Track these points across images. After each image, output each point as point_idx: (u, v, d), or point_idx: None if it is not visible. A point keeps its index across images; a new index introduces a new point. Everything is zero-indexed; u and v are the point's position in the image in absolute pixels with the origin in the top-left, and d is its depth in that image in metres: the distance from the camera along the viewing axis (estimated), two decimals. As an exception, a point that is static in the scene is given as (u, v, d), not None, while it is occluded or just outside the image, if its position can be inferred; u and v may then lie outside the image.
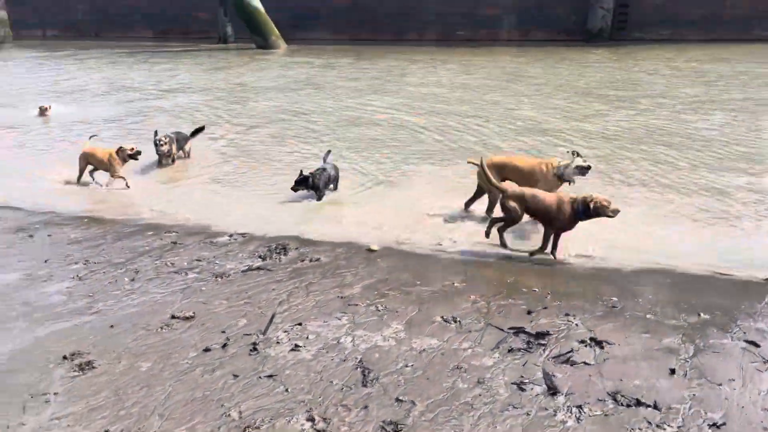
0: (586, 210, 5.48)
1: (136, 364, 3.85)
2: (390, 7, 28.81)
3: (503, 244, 5.98)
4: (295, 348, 4.08)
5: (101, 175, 8.48)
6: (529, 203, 5.78)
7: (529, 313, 4.61)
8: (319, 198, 7.48)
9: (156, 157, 9.00)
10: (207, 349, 4.05)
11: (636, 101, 12.46)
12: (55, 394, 3.50)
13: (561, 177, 6.51)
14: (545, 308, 4.68)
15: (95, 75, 19.58)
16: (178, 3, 33.48)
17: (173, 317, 4.54)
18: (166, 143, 8.86)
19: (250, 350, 4.05)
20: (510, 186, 6.20)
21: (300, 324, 4.44)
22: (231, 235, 6.49)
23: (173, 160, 9.13)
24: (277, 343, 4.17)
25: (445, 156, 9.27)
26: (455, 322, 4.48)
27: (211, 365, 3.85)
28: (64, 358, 3.89)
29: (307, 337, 4.24)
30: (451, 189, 7.75)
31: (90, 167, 8.45)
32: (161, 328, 4.37)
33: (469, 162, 7.16)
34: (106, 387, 3.59)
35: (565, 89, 14.24)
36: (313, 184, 7.37)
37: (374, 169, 8.71)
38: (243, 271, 5.49)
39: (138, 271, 5.46)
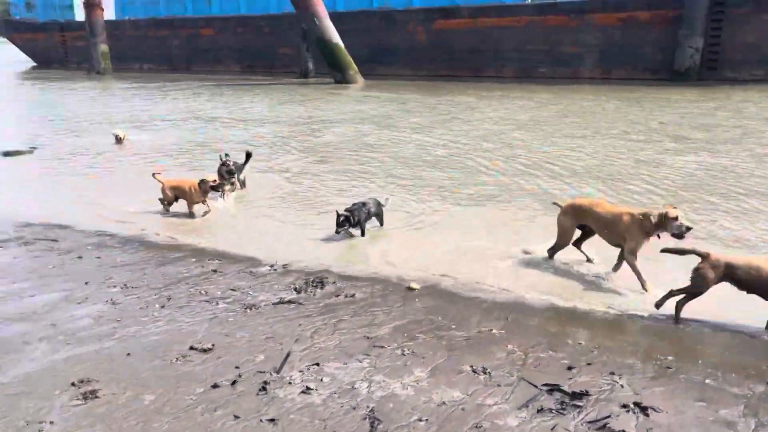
0: None
1: (140, 396, 3.72)
2: (468, 44, 28.78)
3: (677, 318, 4.97)
4: (306, 390, 3.84)
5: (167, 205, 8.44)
6: (745, 276, 4.72)
7: (569, 368, 4.18)
8: (363, 233, 7.26)
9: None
10: (215, 386, 3.86)
11: (714, 143, 11.65)
12: (51, 423, 3.39)
13: (651, 233, 5.62)
14: (589, 364, 4.23)
15: (179, 105, 20.48)
16: (263, 39, 34.85)
17: (191, 348, 4.40)
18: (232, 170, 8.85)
19: (259, 389, 3.83)
20: (714, 254, 4.93)
21: (318, 364, 4.19)
22: (272, 266, 6.37)
23: (233, 189, 8.98)
24: (289, 383, 3.93)
25: (502, 195, 8.90)
26: (485, 373, 4.11)
27: (215, 403, 3.66)
28: (72, 384, 3.81)
29: (322, 380, 3.99)
30: (504, 230, 7.38)
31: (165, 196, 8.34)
32: (177, 359, 4.24)
33: (554, 204, 6.74)
34: (103, 419, 3.46)
35: (643, 130, 13.55)
36: (355, 222, 7.11)
37: (427, 206, 8.45)
38: (274, 304, 5.32)
39: (171, 297, 5.40)
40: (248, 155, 9.50)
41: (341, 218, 7.00)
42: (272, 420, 3.49)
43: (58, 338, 4.50)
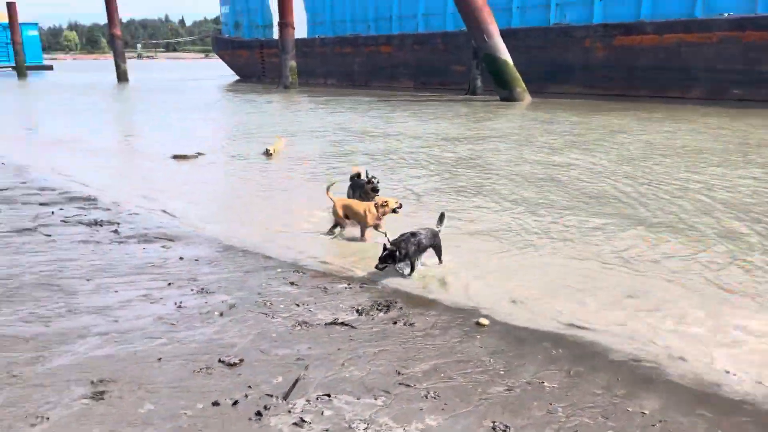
0: None
1: (142, 403, 3.78)
2: (652, 62, 26.64)
3: None
4: (299, 423, 3.64)
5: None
6: None
7: (611, 443, 3.51)
8: (411, 271, 6.36)
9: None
10: (216, 403, 3.81)
11: None
12: (46, 418, 3.55)
13: None
14: (638, 442, 3.53)
15: (338, 117, 21.35)
16: (437, 56, 35.31)
17: (220, 361, 4.41)
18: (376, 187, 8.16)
19: (255, 414, 3.71)
20: None
21: (329, 395, 3.97)
22: (350, 284, 6.26)
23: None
24: (288, 412, 3.76)
25: (624, 224, 7.94)
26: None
27: (203, 422, 3.60)
28: (91, 383, 3.98)
29: (323, 413, 3.76)
30: (626, 268, 6.55)
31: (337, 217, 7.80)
32: (200, 370, 4.27)
33: None
34: (94, 421, 3.55)
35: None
36: (401, 256, 6.21)
37: (544, 233, 7.81)
38: (326, 324, 5.19)
39: (233, 306, 5.50)
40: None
41: (385, 252, 6.21)
42: (246, 450, 3.34)
43: (111, 335, 4.77)
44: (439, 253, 6.67)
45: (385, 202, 7.37)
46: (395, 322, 5.26)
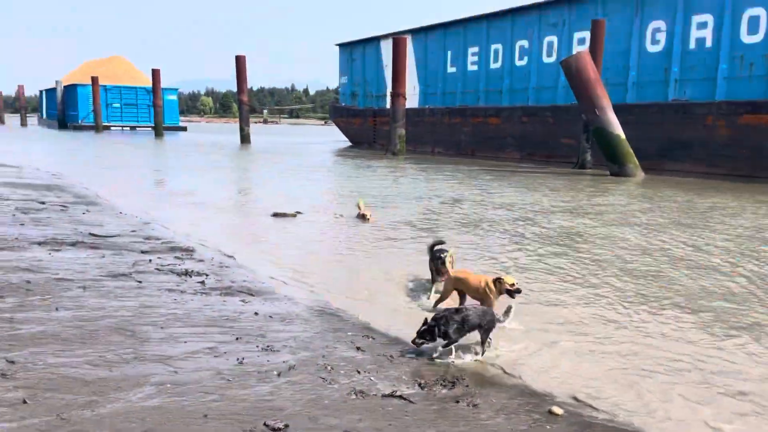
0: None
1: (176, 459, 3.66)
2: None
3: None
4: (329, 502, 3.36)
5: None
6: None
7: None
8: (448, 351, 5.78)
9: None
10: (245, 470, 3.63)
11: None
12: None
13: None
14: None
15: (437, 185, 21.35)
16: (546, 128, 34.92)
17: (265, 424, 4.25)
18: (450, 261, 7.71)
19: (287, 486, 3.48)
20: None
21: (368, 475, 3.68)
22: (418, 356, 5.97)
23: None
24: (321, 488, 3.50)
25: (740, 320, 7.12)
26: None
27: (230, 488, 3.41)
28: None
29: (357, 494, 3.47)
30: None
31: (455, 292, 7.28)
32: (243, 431, 4.12)
33: None
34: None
35: None
36: (440, 334, 5.70)
37: (627, 320, 7.18)
38: (384, 396, 4.93)
39: (293, 367, 5.37)
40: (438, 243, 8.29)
41: (423, 327, 5.73)
42: None
43: (167, 386, 4.76)
44: (484, 339, 5.93)
45: (500, 279, 6.69)
46: (458, 401, 4.91)
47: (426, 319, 5.86)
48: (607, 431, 4.59)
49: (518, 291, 6.59)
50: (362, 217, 13.68)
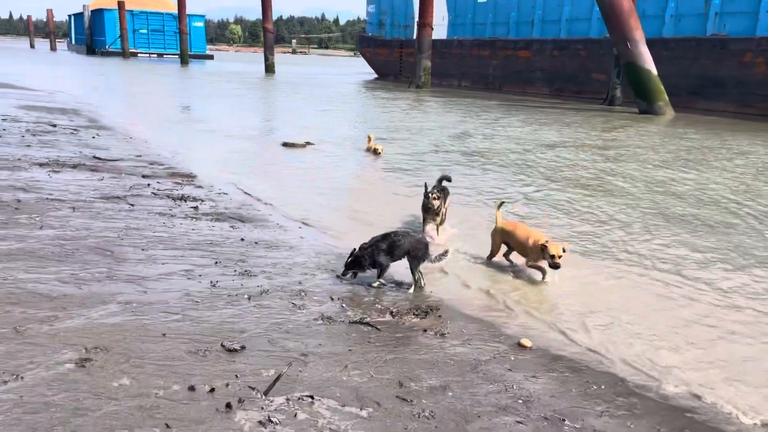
0: None
1: (120, 378, 3.68)
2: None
3: None
4: (265, 422, 3.35)
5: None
6: None
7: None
8: (379, 276, 5.65)
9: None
10: (191, 388, 3.63)
11: None
12: (21, 378, 3.54)
13: None
14: None
15: (451, 118, 20.89)
16: (577, 63, 33.70)
17: (222, 345, 4.24)
18: (437, 198, 7.33)
19: (225, 405, 3.48)
20: None
21: (312, 398, 3.66)
22: (399, 283, 5.91)
23: (442, 221, 7.60)
24: (261, 408, 3.49)
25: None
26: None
27: (167, 406, 3.42)
28: (84, 349, 3.96)
29: (296, 415, 3.45)
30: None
31: (505, 247, 6.64)
32: (198, 351, 4.12)
33: None
34: (64, 389, 3.49)
35: None
36: (370, 264, 5.57)
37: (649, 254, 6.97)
38: (351, 322, 4.88)
39: (266, 291, 5.34)
40: (444, 179, 7.99)
41: (350, 258, 5.63)
42: (195, 442, 3.11)
43: (132, 304, 4.77)
44: (413, 268, 5.70)
45: (546, 245, 5.92)
46: (425, 330, 4.85)
47: (354, 249, 5.73)
48: (574, 365, 4.48)
49: (557, 266, 5.86)
50: (373, 152, 13.32)
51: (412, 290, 5.71)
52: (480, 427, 3.49)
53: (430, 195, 7.29)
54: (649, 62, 24.47)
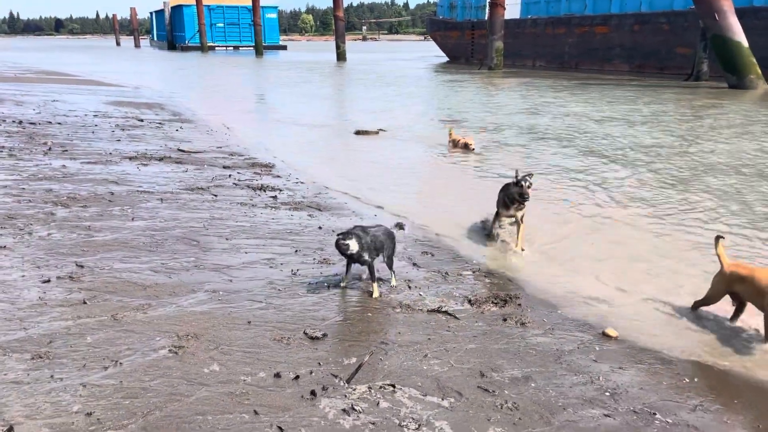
0: None
1: (210, 364, 3.82)
2: None
3: None
4: (348, 410, 3.41)
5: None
6: None
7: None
8: (372, 276, 5.12)
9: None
10: (277, 375, 3.73)
11: None
12: (120, 363, 3.74)
13: None
14: None
15: (520, 102, 20.39)
16: (659, 37, 32.16)
17: (304, 332, 4.34)
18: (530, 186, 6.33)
19: (310, 392, 3.56)
20: None
21: (393, 386, 3.69)
22: (475, 271, 5.87)
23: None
24: (344, 396, 3.55)
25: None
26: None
27: (255, 392, 3.53)
28: (177, 336, 4.14)
29: (378, 404, 3.49)
30: None
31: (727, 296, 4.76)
32: (282, 339, 4.23)
33: None
34: (159, 374, 3.67)
35: None
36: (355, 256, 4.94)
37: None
38: (429, 311, 4.88)
39: (330, 286, 5.41)
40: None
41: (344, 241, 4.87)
42: (280, 428, 3.20)
43: (219, 293, 4.95)
44: (390, 262, 5.28)
45: None
46: (505, 319, 4.78)
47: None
48: (663, 356, 4.31)
49: None
50: (463, 146, 11.84)
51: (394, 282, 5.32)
52: (566, 420, 3.42)
53: (523, 183, 6.27)
54: (738, 33, 23.05)
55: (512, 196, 6.42)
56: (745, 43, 23.02)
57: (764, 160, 10.67)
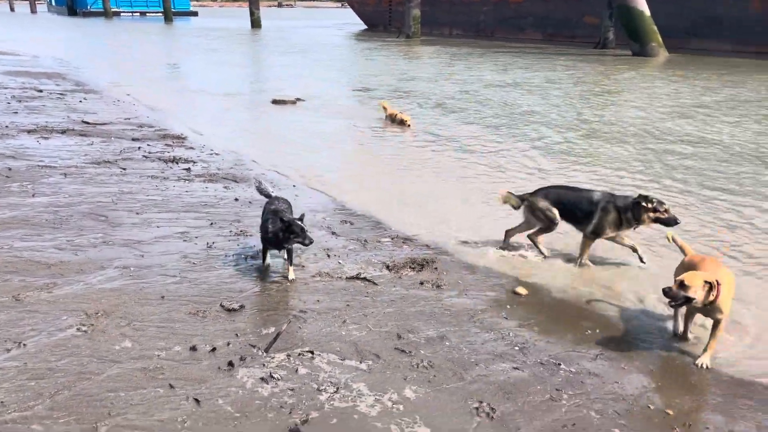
0: None
1: (122, 341, 3.73)
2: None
3: None
4: (267, 378, 3.42)
5: None
6: None
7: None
8: (289, 258, 4.86)
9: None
10: (193, 348, 3.69)
11: None
12: (24, 345, 3.59)
13: None
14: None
15: (432, 69, 20.62)
16: (569, 7, 33.06)
17: (221, 305, 4.29)
18: None
19: (227, 363, 3.54)
20: None
21: (312, 353, 3.72)
22: (394, 238, 5.94)
23: None
24: (262, 365, 3.56)
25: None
26: (489, 417, 3.18)
27: (170, 366, 3.48)
28: (85, 315, 4.01)
29: (297, 370, 3.52)
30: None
31: None
32: (198, 312, 4.17)
33: None
34: (67, 354, 3.55)
35: None
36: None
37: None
38: (348, 278, 4.92)
39: (249, 256, 5.35)
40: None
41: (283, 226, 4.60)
42: (197, 400, 3.17)
43: (130, 269, 4.80)
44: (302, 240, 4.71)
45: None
46: (422, 283, 4.89)
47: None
48: (569, 310, 4.54)
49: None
50: (399, 122, 11.26)
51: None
52: (477, 375, 3.57)
53: (657, 207, 5.03)
54: (641, 3, 24.09)
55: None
56: (648, 12, 24.07)
57: (640, 121, 11.29)
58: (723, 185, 7.55)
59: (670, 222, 5.08)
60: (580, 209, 5.35)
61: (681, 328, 4.09)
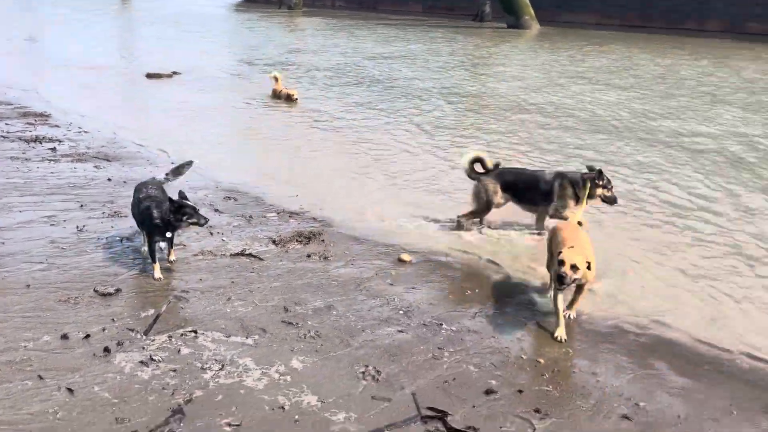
0: None
1: (-16, 332, 3.45)
2: (671, -9, 25.13)
3: None
4: (147, 362, 3.30)
5: None
6: None
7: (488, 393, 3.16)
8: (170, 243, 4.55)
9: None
10: (65, 336, 3.49)
11: None
12: None
13: None
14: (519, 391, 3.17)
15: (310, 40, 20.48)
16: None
17: (95, 290, 4.06)
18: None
19: (103, 349, 3.38)
20: None
21: (195, 332, 3.63)
22: (280, 212, 5.86)
23: None
24: (142, 348, 3.42)
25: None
26: (374, 379, 3.25)
27: (39, 357, 3.28)
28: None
29: (179, 351, 3.43)
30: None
31: None
32: (69, 299, 3.94)
33: None
34: None
35: None
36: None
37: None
38: (233, 255, 4.82)
39: (125, 238, 5.11)
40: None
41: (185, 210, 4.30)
42: (70, 390, 3.01)
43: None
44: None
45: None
46: (309, 256, 4.88)
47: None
48: (451, 273, 4.71)
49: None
50: (286, 98, 10.83)
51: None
52: (364, 340, 3.64)
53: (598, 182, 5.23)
54: (515, -24, 24.94)
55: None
56: (521, -14, 25.01)
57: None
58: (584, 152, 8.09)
59: (613, 200, 5.33)
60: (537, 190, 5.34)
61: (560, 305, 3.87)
